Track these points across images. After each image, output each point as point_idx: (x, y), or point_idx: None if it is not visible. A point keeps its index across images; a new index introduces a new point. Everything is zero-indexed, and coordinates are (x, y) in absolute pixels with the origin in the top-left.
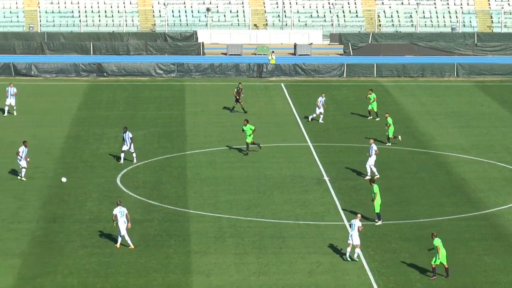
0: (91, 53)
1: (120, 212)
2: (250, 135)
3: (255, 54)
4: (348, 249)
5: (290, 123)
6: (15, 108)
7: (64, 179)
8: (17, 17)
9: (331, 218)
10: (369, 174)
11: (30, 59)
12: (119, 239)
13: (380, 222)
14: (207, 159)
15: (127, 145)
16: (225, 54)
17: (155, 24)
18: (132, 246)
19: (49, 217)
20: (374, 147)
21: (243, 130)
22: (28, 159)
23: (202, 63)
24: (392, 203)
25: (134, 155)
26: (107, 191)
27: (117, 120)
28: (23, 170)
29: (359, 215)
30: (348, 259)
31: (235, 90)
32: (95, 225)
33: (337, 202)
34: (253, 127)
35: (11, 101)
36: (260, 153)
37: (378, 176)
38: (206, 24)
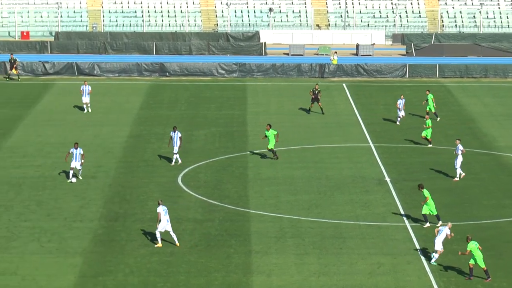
0: (154, 53)
1: (164, 211)
2: (274, 140)
3: (317, 55)
4: (436, 255)
5: (352, 124)
6: (89, 105)
7: (73, 180)
8: (81, 17)
9: (392, 219)
10: (458, 176)
11: (93, 59)
12: (159, 238)
13: (428, 224)
14: (268, 159)
15: (174, 145)
16: (287, 54)
17: (217, 24)
18: (178, 244)
19: (110, 216)
20: (460, 147)
21: (265, 136)
22: (82, 161)
23: (264, 63)
24: (453, 204)
25: (176, 156)
26: (168, 190)
27: (179, 120)
28: (71, 171)
29: (450, 224)
30: (434, 263)
31: (311, 90)
32: (156, 224)
33: (398, 203)
34: (275, 132)
35: (86, 99)
36: (321, 153)
37: (464, 174)
38: (269, 24)
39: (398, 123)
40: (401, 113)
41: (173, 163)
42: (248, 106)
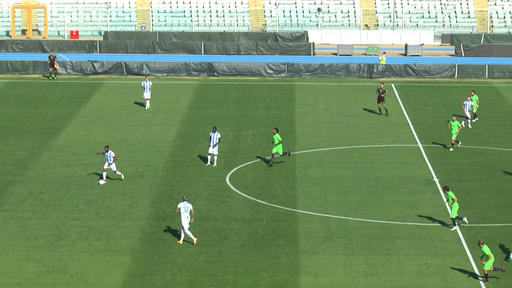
0: (202, 53)
1: (184, 208)
2: (277, 146)
3: (366, 55)
4: None
5: (400, 124)
6: (149, 100)
7: (101, 182)
8: (130, 16)
9: (440, 220)
10: None
11: (142, 58)
12: (182, 235)
13: (455, 228)
14: (316, 159)
15: (212, 146)
16: (336, 54)
17: (265, 24)
18: (195, 240)
19: (158, 215)
20: None
21: (273, 141)
22: (112, 162)
23: (312, 63)
24: (503, 206)
25: (215, 157)
26: (216, 190)
27: (227, 120)
28: (104, 173)
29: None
30: None
31: (377, 89)
32: (204, 223)
33: (447, 204)
34: (280, 138)
35: (147, 95)
36: (370, 154)
37: None
38: (317, 24)
39: (469, 126)
40: (468, 114)
41: (208, 163)
42: (296, 106)
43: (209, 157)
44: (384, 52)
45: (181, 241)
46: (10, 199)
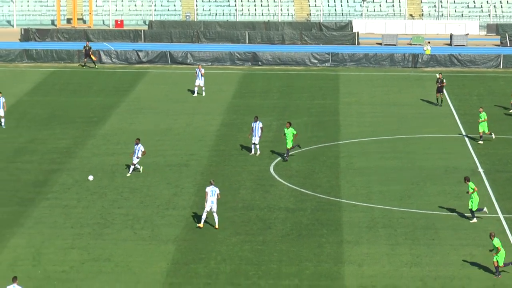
0: (246, 42)
1: (212, 191)
2: (291, 140)
3: (410, 44)
4: None
5: (445, 114)
6: (203, 88)
7: (91, 177)
8: (174, 5)
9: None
10: None
11: (187, 48)
12: (203, 219)
13: (475, 220)
14: (360, 149)
15: (254, 135)
16: (380, 44)
17: (310, 14)
18: (217, 227)
19: (202, 204)
20: None
21: (284, 134)
22: (139, 156)
23: (356, 53)
24: None
25: (257, 146)
26: (260, 179)
27: (271, 109)
28: (132, 166)
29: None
30: None
31: (436, 80)
32: (248, 212)
33: (491, 194)
34: (295, 132)
35: (200, 82)
36: (414, 144)
37: None
38: (361, 13)
39: None
40: None
41: (252, 152)
42: (340, 95)
43: (252, 146)
44: (429, 42)
45: (201, 225)
46: (55, 187)
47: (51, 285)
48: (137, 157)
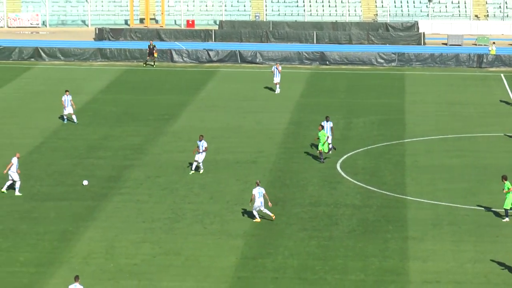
0: (314, 42)
1: (259, 193)
2: (323, 143)
3: (476, 45)
4: None
5: (509, 113)
6: (278, 85)
7: (85, 182)
8: (244, 6)
9: None
10: None
11: (256, 47)
12: (256, 214)
13: (507, 219)
14: (425, 147)
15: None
16: (445, 44)
17: (377, 14)
18: (273, 216)
19: (271, 200)
20: None
21: (318, 137)
22: (202, 152)
23: (422, 52)
24: None
25: (330, 145)
26: (327, 176)
27: (338, 108)
28: (194, 163)
29: None
30: None
31: None
32: (315, 209)
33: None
34: (326, 134)
35: (277, 79)
36: (478, 142)
37: None
38: (427, 14)
39: None
40: None
41: (329, 152)
42: (406, 95)
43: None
44: (494, 42)
45: (258, 219)
46: (128, 183)
47: (123, 278)
48: (199, 151)
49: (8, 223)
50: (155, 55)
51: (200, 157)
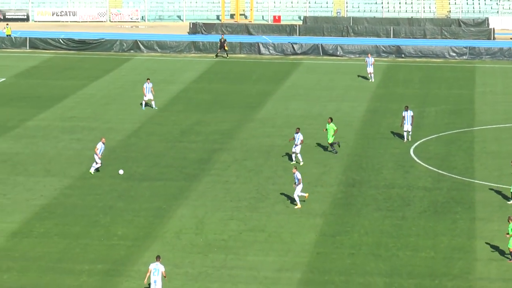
0: (391, 36)
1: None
2: (332, 136)
3: None
4: None
5: None
6: (372, 75)
7: (121, 171)
8: (327, 3)
9: None
10: None
11: (337, 41)
12: (298, 201)
13: None
14: (494, 134)
15: (406, 123)
16: None
17: (450, 11)
18: (306, 195)
19: (348, 182)
20: None
21: (326, 128)
22: (298, 144)
23: (492, 47)
24: None
25: (410, 134)
26: (401, 160)
27: (412, 98)
28: (293, 155)
29: None
30: None
31: None
32: (389, 191)
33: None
34: (335, 128)
35: (370, 69)
36: None
37: None
38: (497, 11)
39: None
40: None
41: (405, 139)
42: (476, 86)
43: (405, 134)
44: None
45: (299, 205)
46: (217, 165)
47: (211, 252)
48: (295, 145)
49: (107, 201)
50: (226, 48)
51: (297, 149)
